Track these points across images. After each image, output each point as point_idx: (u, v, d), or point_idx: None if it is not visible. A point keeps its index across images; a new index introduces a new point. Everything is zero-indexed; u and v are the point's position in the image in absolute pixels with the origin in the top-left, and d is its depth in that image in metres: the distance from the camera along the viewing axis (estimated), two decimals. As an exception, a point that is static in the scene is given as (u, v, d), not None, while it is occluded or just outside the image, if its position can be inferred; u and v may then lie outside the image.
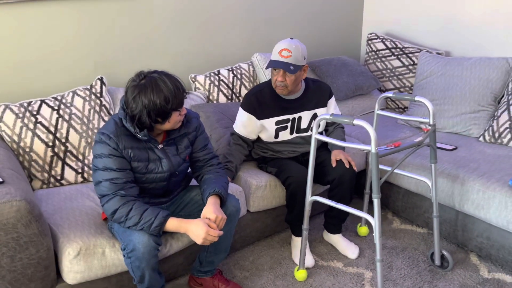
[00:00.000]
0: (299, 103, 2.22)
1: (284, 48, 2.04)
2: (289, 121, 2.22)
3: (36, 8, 2.25)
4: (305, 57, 2.10)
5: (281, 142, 2.26)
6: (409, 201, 2.51)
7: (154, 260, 1.67)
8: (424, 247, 2.35)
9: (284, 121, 2.22)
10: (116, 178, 1.65)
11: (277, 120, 2.21)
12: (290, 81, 2.08)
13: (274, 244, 2.40)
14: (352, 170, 2.14)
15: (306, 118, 2.25)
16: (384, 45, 3.20)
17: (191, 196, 1.91)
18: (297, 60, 2.05)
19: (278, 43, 2.10)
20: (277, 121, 2.21)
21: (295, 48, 2.05)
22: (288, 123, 2.23)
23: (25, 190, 1.67)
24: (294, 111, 2.22)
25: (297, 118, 2.23)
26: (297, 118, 2.23)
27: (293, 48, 2.04)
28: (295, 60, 2.04)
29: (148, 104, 1.60)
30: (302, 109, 2.23)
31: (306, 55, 2.11)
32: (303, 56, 2.08)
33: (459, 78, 2.71)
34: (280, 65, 2.04)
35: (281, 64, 2.04)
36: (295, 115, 2.22)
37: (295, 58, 2.04)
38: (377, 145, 1.70)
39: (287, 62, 2.04)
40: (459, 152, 2.46)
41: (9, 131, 2.08)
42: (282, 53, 2.04)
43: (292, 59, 2.04)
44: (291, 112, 2.21)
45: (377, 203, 1.76)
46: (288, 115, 2.21)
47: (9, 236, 1.57)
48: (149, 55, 2.65)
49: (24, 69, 2.29)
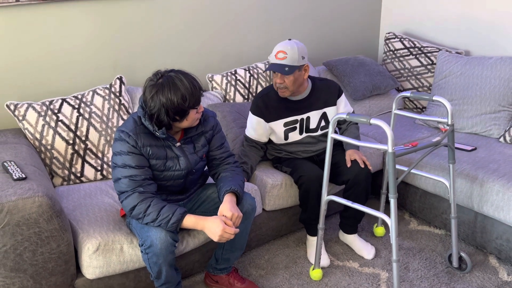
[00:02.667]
0: (307, 103, 2.22)
1: (280, 50, 2.06)
2: (297, 122, 2.22)
3: (58, 9, 2.30)
4: (303, 56, 2.08)
5: (292, 143, 2.27)
6: (426, 201, 2.48)
7: (171, 257, 1.69)
8: (441, 249, 2.32)
9: (292, 122, 2.22)
10: (135, 175, 1.68)
11: (285, 121, 2.21)
12: (290, 82, 2.08)
13: (290, 243, 2.40)
14: (367, 170, 2.13)
15: (315, 118, 2.24)
16: (402, 44, 3.17)
17: (208, 193, 1.93)
18: (293, 61, 2.05)
19: (276, 46, 2.11)
20: (285, 122, 2.22)
21: (291, 49, 2.05)
22: (297, 124, 2.23)
23: (46, 186, 1.72)
24: (302, 112, 2.22)
25: (305, 119, 2.23)
26: (306, 119, 2.23)
27: (288, 49, 2.05)
28: (291, 61, 2.05)
29: (166, 102, 1.62)
30: (310, 109, 2.23)
31: (305, 54, 2.09)
32: (301, 56, 2.06)
33: (479, 78, 2.66)
34: (275, 67, 2.06)
35: (276, 66, 2.06)
36: (303, 116, 2.22)
37: (290, 59, 2.04)
38: (394, 144, 1.69)
39: (282, 64, 2.04)
40: (479, 152, 2.42)
41: (31, 129, 2.14)
42: (278, 55, 2.06)
43: (288, 60, 2.04)
44: (298, 113, 2.21)
45: (393, 203, 1.75)
46: (296, 116, 2.21)
47: (31, 230, 1.61)
48: (167, 54, 2.68)
49: (46, 69, 2.35)
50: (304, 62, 2.10)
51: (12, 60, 2.26)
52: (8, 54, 2.24)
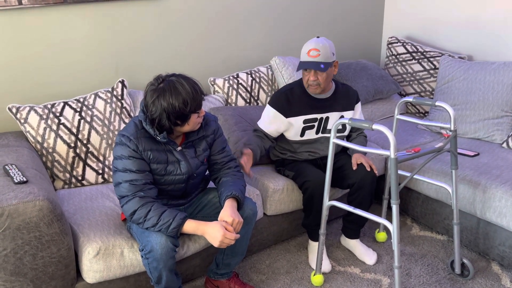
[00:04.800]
0: (329, 103, 2.23)
1: (312, 48, 2.07)
2: (317, 121, 2.23)
3: (60, 12, 2.30)
4: (333, 53, 2.12)
5: (305, 141, 2.26)
6: (428, 207, 2.47)
7: (171, 262, 1.69)
8: (444, 255, 2.30)
9: (312, 120, 2.22)
10: (135, 180, 1.67)
11: (306, 118, 2.22)
12: (323, 78, 2.11)
13: (291, 248, 2.39)
14: (373, 174, 2.12)
15: (333, 119, 2.25)
16: (405, 49, 3.17)
17: (209, 198, 1.92)
18: (326, 58, 2.07)
19: (306, 44, 2.11)
20: (305, 119, 2.22)
21: (323, 46, 2.07)
22: (316, 123, 2.23)
23: (47, 190, 1.71)
24: (323, 111, 2.23)
25: (324, 118, 2.23)
26: (325, 118, 2.24)
27: (321, 46, 2.06)
28: (325, 58, 2.06)
29: (167, 107, 1.62)
30: (330, 110, 2.24)
31: (334, 51, 2.13)
32: (331, 52, 2.09)
33: (482, 83, 2.65)
34: (311, 65, 2.07)
35: (311, 64, 2.07)
36: (323, 115, 2.23)
37: (324, 56, 2.06)
38: (396, 150, 1.68)
39: (317, 62, 2.06)
40: (481, 158, 2.40)
41: (33, 132, 2.13)
42: (310, 53, 2.07)
43: (321, 57, 2.06)
44: (319, 112, 2.22)
45: (395, 209, 1.74)
46: (317, 115, 2.22)
47: (31, 234, 1.61)
48: (169, 58, 2.68)
49: (48, 72, 2.35)
50: (334, 59, 2.13)
51: (14, 62, 2.26)
52: (11, 56, 2.24)
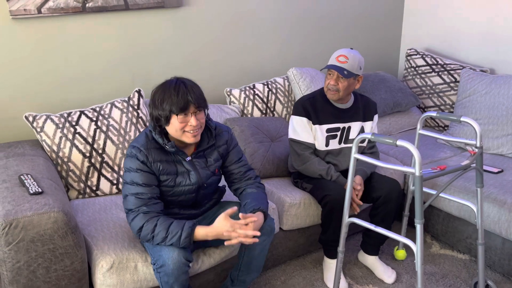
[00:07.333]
0: (350, 113, 2.22)
1: (342, 54, 2.09)
2: (339, 130, 2.21)
3: (79, 21, 2.30)
4: (361, 67, 2.12)
5: (329, 151, 2.22)
6: (450, 225, 2.39)
7: (183, 277, 1.64)
8: (466, 275, 2.22)
9: (334, 129, 2.20)
10: (141, 193, 1.65)
11: (328, 127, 2.20)
12: (343, 86, 2.10)
13: (307, 264, 2.33)
14: (399, 188, 2.09)
15: (355, 129, 2.23)
16: (424, 61, 3.11)
17: (224, 212, 1.87)
18: (352, 68, 2.08)
19: (337, 50, 2.14)
20: (328, 128, 2.20)
21: (352, 56, 2.08)
22: (338, 132, 2.21)
23: (62, 201, 1.68)
24: (345, 120, 2.21)
25: (346, 128, 2.22)
26: (347, 128, 2.22)
27: (351, 56, 2.08)
28: (350, 67, 2.07)
29: (151, 98, 1.66)
30: (352, 120, 2.22)
31: (362, 66, 2.13)
32: (359, 66, 2.10)
33: (506, 97, 2.58)
34: (335, 67, 2.08)
35: (336, 67, 2.08)
36: (345, 125, 2.22)
37: (350, 65, 2.07)
38: (421, 167, 1.62)
39: (341, 67, 2.07)
40: (506, 175, 2.32)
41: (49, 141, 2.12)
42: (339, 58, 2.09)
43: (348, 65, 2.07)
44: (342, 121, 2.21)
45: (419, 229, 1.67)
46: (339, 124, 2.21)
47: (45, 247, 1.57)
48: (185, 68, 2.66)
49: (65, 81, 2.34)
50: (360, 73, 2.13)
51: (31, 71, 2.25)
52: (28, 65, 2.24)
